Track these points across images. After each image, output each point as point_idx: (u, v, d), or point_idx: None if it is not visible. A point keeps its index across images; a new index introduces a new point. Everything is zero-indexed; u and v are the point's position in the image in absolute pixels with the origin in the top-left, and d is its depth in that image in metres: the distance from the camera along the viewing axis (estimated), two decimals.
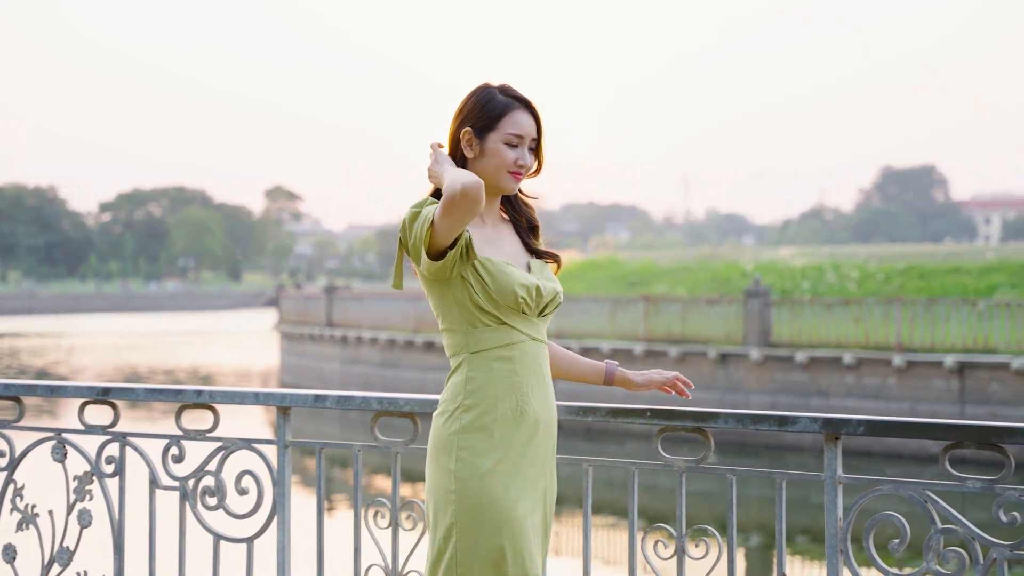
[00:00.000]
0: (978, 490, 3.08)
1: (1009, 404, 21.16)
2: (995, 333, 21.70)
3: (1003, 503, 3.05)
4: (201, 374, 36.97)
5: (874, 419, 3.16)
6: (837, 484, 3.23)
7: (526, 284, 3.07)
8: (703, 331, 24.69)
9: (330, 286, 35.01)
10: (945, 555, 3.11)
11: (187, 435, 3.92)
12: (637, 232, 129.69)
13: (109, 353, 45.78)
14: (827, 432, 3.21)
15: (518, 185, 3.17)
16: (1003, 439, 3.04)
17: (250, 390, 3.85)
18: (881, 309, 23.25)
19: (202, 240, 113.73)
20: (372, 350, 31.05)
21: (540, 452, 3.09)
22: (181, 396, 3.92)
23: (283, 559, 3.82)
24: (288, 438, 3.84)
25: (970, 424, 3.07)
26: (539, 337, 3.13)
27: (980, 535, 3.08)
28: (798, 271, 29.53)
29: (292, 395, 3.79)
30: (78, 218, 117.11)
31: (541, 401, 3.09)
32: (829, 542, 3.22)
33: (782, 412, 3.26)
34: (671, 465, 3.44)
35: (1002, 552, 3.05)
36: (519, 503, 3.01)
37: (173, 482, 3.92)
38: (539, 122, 3.17)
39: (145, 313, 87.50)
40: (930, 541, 3.12)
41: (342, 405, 3.72)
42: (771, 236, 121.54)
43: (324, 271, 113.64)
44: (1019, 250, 37.65)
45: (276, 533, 3.82)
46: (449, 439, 3.03)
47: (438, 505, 3.03)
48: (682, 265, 32.61)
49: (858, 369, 22.74)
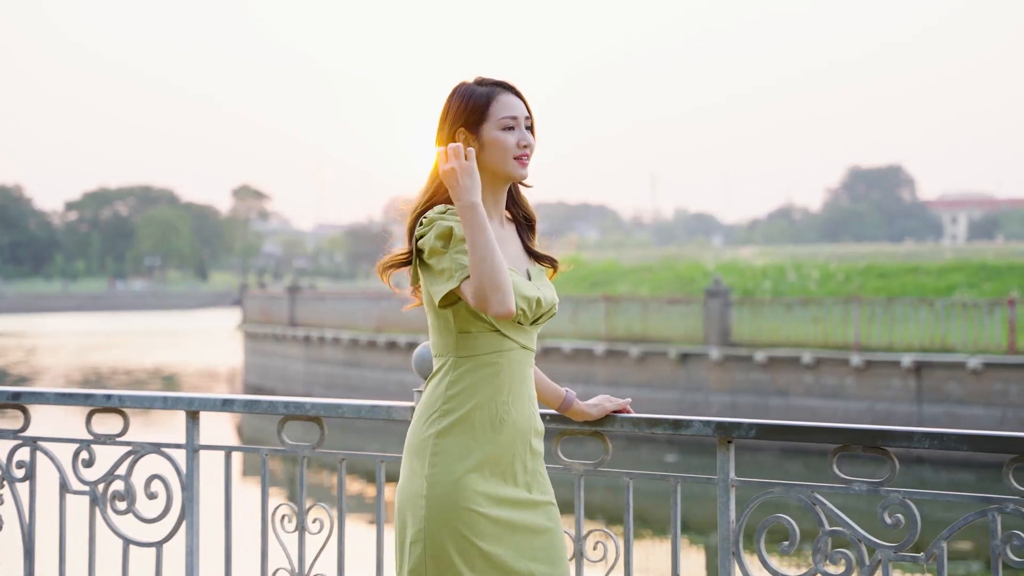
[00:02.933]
0: (864, 492, 3.13)
1: (965, 403, 21.35)
2: (952, 333, 21.89)
3: (887, 505, 3.10)
4: (164, 374, 36.81)
5: (765, 423, 3.21)
6: (730, 487, 3.27)
7: (527, 296, 2.97)
8: (664, 331, 24.78)
9: (293, 286, 34.93)
10: (833, 556, 3.16)
11: (97, 439, 3.92)
12: (606, 231, 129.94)
13: (72, 353, 45.50)
14: (719, 436, 3.25)
15: (526, 170, 3.06)
16: (888, 442, 3.09)
17: (159, 394, 3.86)
18: (840, 309, 23.41)
19: (169, 239, 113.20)
20: (335, 350, 31.01)
21: (520, 461, 2.99)
22: (91, 400, 3.92)
23: (191, 563, 3.83)
24: (197, 442, 3.85)
25: (855, 428, 3.12)
26: (529, 345, 3.05)
27: (866, 537, 3.13)
28: (759, 271, 29.69)
29: (200, 399, 3.80)
30: (44, 217, 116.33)
31: (522, 410, 3.00)
32: (722, 544, 3.26)
33: (677, 416, 3.29)
34: (570, 468, 3.47)
35: (887, 554, 3.11)
36: (494, 511, 2.91)
37: (83, 487, 3.93)
38: (526, 102, 3.08)
39: (111, 312, 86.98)
40: (819, 543, 3.16)
41: (249, 409, 3.74)
42: (739, 235, 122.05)
43: (292, 270, 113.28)
44: (981, 249, 37.98)
45: (185, 537, 3.83)
46: (424, 442, 2.95)
47: (407, 509, 2.93)
48: (645, 265, 32.74)
49: (817, 369, 22.88)
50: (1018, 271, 26.44)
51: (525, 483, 3.00)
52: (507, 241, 3.10)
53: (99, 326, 67.35)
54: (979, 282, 26.17)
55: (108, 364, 40.18)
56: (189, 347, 49.12)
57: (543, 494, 3.04)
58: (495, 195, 3.07)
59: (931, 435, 3.03)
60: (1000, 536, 2.99)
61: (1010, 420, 20.88)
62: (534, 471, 3.03)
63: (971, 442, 2.99)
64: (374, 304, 30.13)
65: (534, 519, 3.00)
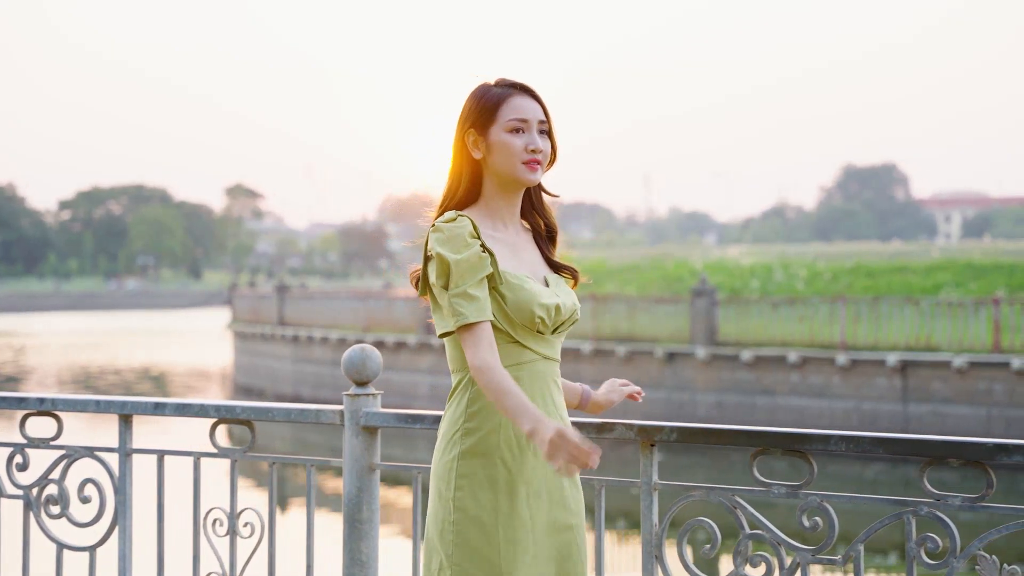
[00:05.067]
0: (783, 496, 3.13)
1: (951, 402, 21.37)
2: (937, 332, 21.90)
3: (806, 508, 3.10)
4: (152, 374, 36.78)
5: (686, 426, 3.21)
6: (652, 490, 3.27)
7: (546, 304, 2.86)
8: (650, 330, 24.78)
9: (281, 285, 34.90)
10: (753, 559, 3.16)
11: (31, 443, 3.92)
12: (599, 230, 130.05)
13: (61, 353, 45.45)
14: (642, 439, 3.25)
15: (537, 175, 2.91)
16: (805, 445, 3.09)
17: (92, 398, 3.86)
18: (826, 308, 23.41)
19: (162, 238, 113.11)
20: (323, 349, 31.00)
21: (550, 479, 2.86)
22: (24, 404, 3.92)
23: (124, 567, 3.83)
24: (130, 445, 3.85)
25: (775, 431, 3.12)
26: (551, 355, 2.91)
27: (785, 540, 3.13)
28: (747, 270, 29.70)
29: (132, 403, 3.80)
30: (37, 216, 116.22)
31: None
32: (645, 547, 3.26)
33: (601, 419, 3.28)
34: None
35: (805, 556, 3.11)
36: (523, 536, 2.78)
37: (17, 491, 3.92)
38: (544, 105, 2.94)
39: (104, 312, 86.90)
40: (739, 546, 3.16)
41: (180, 412, 3.74)
42: (733, 234, 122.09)
43: (286, 269, 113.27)
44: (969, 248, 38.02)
45: (117, 541, 3.82)
46: (448, 465, 2.81)
47: (435, 534, 2.81)
48: (632, 264, 32.75)
49: (803, 368, 22.89)
50: (1005, 270, 26.47)
51: (560, 501, 2.88)
52: (522, 248, 2.98)
53: (91, 325, 67.29)
54: (966, 281, 26.20)
55: (97, 364, 40.13)
56: (180, 347, 49.08)
57: (574, 515, 2.92)
58: (508, 200, 2.96)
59: (848, 438, 3.03)
60: (915, 538, 2.99)
61: (995, 419, 20.91)
62: (563, 488, 2.89)
63: (886, 445, 3.00)
64: (362, 304, 30.13)
65: (565, 543, 2.89)
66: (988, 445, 2.89)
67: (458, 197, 2.94)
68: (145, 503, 3.93)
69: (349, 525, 3.53)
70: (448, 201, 2.94)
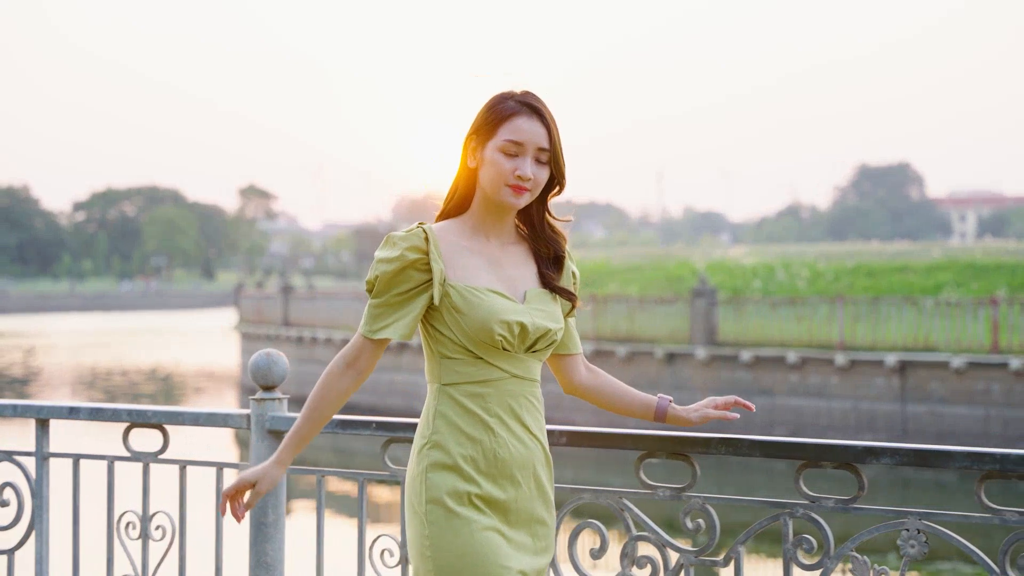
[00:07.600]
0: (668, 498, 3.17)
1: (949, 402, 21.34)
2: (936, 332, 21.87)
3: (689, 510, 3.14)
4: (160, 375, 36.93)
5: (574, 429, 3.24)
6: None
7: (507, 320, 2.77)
8: (650, 330, 24.80)
9: (286, 286, 35.08)
10: (639, 561, 3.20)
11: None
12: (612, 230, 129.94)
13: (70, 353, 45.66)
14: None
15: (521, 200, 2.83)
16: (689, 449, 3.13)
17: (8, 402, 3.92)
18: (826, 308, 23.40)
19: (175, 239, 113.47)
20: (326, 349, 31.12)
21: (521, 498, 2.80)
22: None
23: (41, 570, 3.88)
24: (46, 449, 3.90)
25: (660, 434, 3.16)
26: (525, 375, 2.82)
27: (669, 541, 3.17)
28: (749, 270, 29.67)
29: (48, 407, 3.86)
30: (51, 217, 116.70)
31: (518, 444, 2.79)
32: None
33: None
34: (395, 475, 3.51)
35: (688, 558, 3.15)
36: (499, 547, 2.74)
37: None
38: (552, 131, 2.85)
39: (117, 312, 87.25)
40: (626, 548, 3.21)
41: (95, 416, 3.80)
42: (747, 234, 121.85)
43: (299, 269, 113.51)
44: (970, 248, 37.89)
45: (35, 544, 3.88)
46: (418, 478, 2.78)
47: (413, 548, 2.78)
48: (634, 264, 32.73)
49: (802, 368, 22.89)
50: (1007, 270, 26.40)
51: (525, 522, 2.83)
52: (506, 263, 2.89)
53: (103, 326, 67.58)
54: (967, 281, 26.13)
55: (105, 364, 40.31)
56: (190, 347, 49.26)
57: (546, 549, 2.87)
58: (496, 215, 2.88)
59: (727, 441, 3.08)
60: (791, 540, 3.03)
61: (993, 419, 20.87)
62: (537, 508, 2.85)
63: (763, 448, 3.03)
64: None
65: (536, 565, 2.83)
66: (857, 448, 2.93)
67: (454, 202, 2.93)
68: (62, 506, 3.98)
69: (255, 528, 3.59)
70: (446, 205, 2.94)
